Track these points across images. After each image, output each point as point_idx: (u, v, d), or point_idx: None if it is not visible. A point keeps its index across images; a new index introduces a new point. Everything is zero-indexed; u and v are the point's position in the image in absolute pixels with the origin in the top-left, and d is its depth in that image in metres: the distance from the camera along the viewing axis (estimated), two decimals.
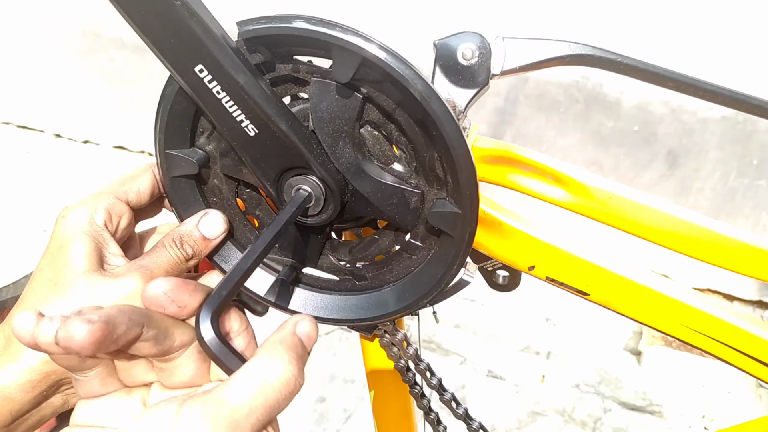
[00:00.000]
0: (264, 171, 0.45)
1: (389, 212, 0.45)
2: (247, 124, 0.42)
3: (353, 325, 0.55)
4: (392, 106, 0.42)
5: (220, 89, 0.41)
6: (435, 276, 0.47)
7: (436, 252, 0.47)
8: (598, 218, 0.52)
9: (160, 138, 0.46)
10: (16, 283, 0.89)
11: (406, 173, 0.45)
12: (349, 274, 0.51)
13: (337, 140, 0.43)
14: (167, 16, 0.38)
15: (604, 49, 0.43)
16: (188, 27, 0.38)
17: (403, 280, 0.49)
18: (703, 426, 1.75)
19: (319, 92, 0.42)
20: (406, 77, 0.39)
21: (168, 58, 0.40)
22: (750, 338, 0.48)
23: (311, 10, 0.42)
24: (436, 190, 0.45)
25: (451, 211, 0.43)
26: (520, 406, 1.77)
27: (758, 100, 0.43)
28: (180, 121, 0.46)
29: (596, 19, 2.06)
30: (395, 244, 0.49)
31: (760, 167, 2.04)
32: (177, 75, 0.41)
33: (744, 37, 1.94)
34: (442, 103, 0.40)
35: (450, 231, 0.44)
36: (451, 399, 0.63)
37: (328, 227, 0.50)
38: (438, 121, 0.40)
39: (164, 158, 0.47)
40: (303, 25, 0.40)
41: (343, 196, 0.45)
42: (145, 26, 0.39)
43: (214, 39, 0.39)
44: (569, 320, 2.08)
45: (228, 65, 0.40)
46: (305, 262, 0.51)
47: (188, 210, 0.49)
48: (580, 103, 2.16)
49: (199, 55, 0.40)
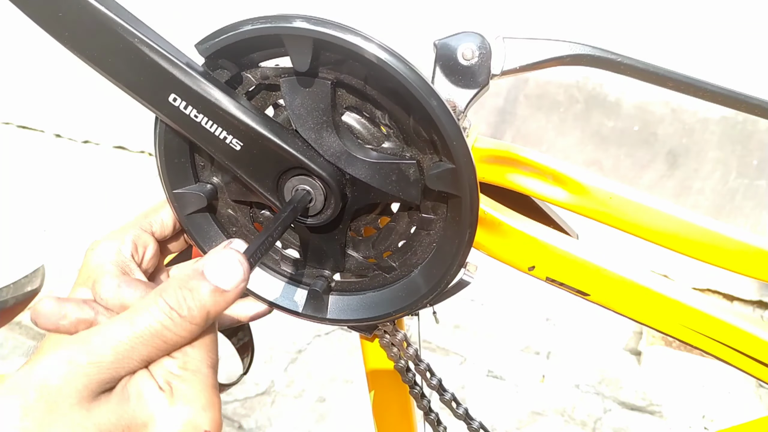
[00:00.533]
0: (260, 181, 0.45)
1: (391, 190, 0.45)
2: (231, 139, 0.43)
3: (353, 326, 0.55)
4: (361, 83, 0.43)
5: (196, 112, 0.42)
6: (454, 243, 0.46)
7: (449, 218, 0.47)
8: (598, 218, 0.52)
9: (165, 180, 0.47)
10: (16, 283, 0.89)
11: (398, 148, 0.45)
12: (378, 269, 0.51)
13: (320, 132, 0.44)
14: (130, 56, 0.40)
15: (604, 49, 0.43)
16: (151, 61, 0.40)
17: (428, 259, 0.49)
18: (703, 426, 1.75)
19: (290, 90, 0.43)
20: (359, 45, 0.39)
21: (142, 96, 0.42)
22: (750, 338, 0.48)
23: (312, 11, 0.42)
24: (430, 155, 0.45)
25: (446, 168, 0.43)
26: (520, 406, 1.77)
27: (758, 100, 0.43)
28: (178, 158, 0.47)
29: (596, 19, 2.06)
30: (412, 225, 0.49)
31: (760, 167, 2.04)
32: (155, 110, 0.43)
33: (744, 37, 1.94)
34: (399, 58, 0.40)
35: (451, 189, 0.44)
36: (452, 399, 0.63)
37: (345, 227, 0.50)
38: (398, 76, 0.40)
39: (174, 198, 0.48)
40: (247, 27, 0.40)
41: (341, 186, 0.45)
42: (114, 71, 0.41)
43: (178, 66, 0.41)
44: (569, 320, 2.08)
45: (197, 87, 0.41)
46: (333, 269, 0.51)
47: (210, 244, 0.50)
48: (580, 103, 2.16)
49: (168, 85, 0.41)
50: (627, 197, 0.51)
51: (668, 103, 2.06)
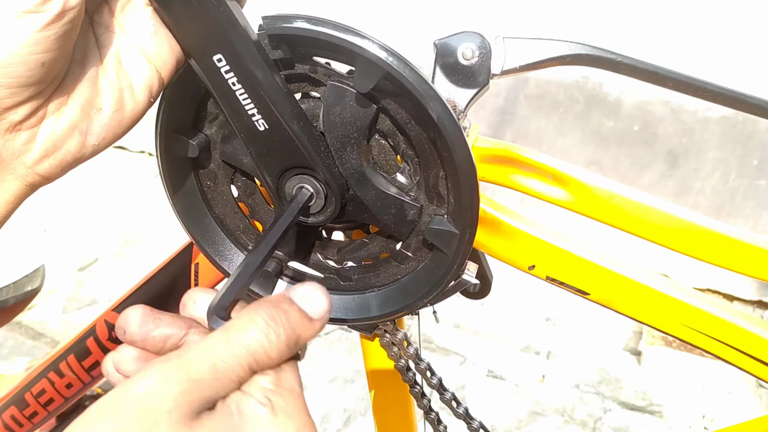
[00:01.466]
0: (268, 166, 0.45)
1: (386, 221, 0.46)
2: (259, 118, 0.42)
3: (354, 325, 0.55)
4: (406, 119, 0.42)
5: (236, 81, 0.40)
6: (422, 289, 0.47)
7: (427, 265, 0.47)
8: (598, 218, 0.52)
9: (163, 117, 0.45)
10: (16, 283, 0.89)
11: (408, 185, 0.46)
12: (335, 273, 0.51)
13: (345, 145, 0.44)
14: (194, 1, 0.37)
15: (604, 49, 0.43)
16: (213, 14, 0.38)
17: (389, 287, 0.49)
18: (703, 426, 1.75)
19: (335, 96, 0.42)
20: (427, 98, 0.39)
21: (187, 43, 0.40)
22: (750, 338, 0.48)
23: (314, 8, 0.42)
24: (435, 206, 0.45)
25: (449, 230, 0.44)
26: (520, 406, 1.77)
27: (758, 100, 0.43)
28: (184, 103, 0.45)
29: (596, 19, 2.06)
30: (385, 251, 0.49)
31: (760, 167, 2.04)
32: (193, 61, 0.41)
33: (744, 37, 1.94)
34: (457, 127, 0.40)
35: (445, 249, 0.45)
36: (452, 398, 0.63)
37: (320, 226, 0.50)
38: (451, 145, 0.40)
39: (164, 137, 0.46)
40: (332, 31, 0.39)
41: (343, 200, 0.45)
42: (169, 4, 0.38)
43: (238, 30, 0.39)
44: (569, 320, 2.08)
45: (248, 59, 0.39)
46: (293, 257, 0.51)
47: (177, 190, 0.49)
48: (580, 103, 2.16)
49: (220, 45, 0.39)
50: (627, 197, 0.51)
51: (668, 103, 2.06)
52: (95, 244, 2.28)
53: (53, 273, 2.10)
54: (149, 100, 0.41)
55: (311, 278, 0.52)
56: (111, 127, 0.39)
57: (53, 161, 0.38)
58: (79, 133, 0.38)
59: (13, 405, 0.82)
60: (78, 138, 0.38)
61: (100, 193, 2.65)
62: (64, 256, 2.20)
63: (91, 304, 1.98)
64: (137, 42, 0.40)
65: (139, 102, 0.40)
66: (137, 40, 0.40)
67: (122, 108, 0.39)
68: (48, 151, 0.37)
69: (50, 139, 0.37)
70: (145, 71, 0.40)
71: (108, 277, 2.12)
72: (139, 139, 3.01)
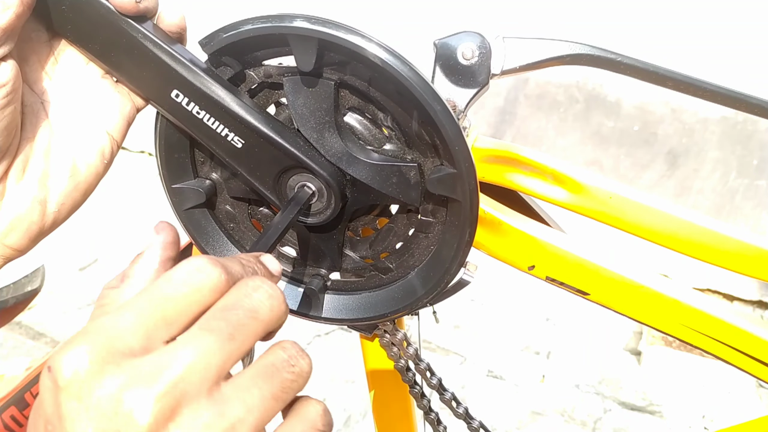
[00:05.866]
0: (261, 179, 0.45)
1: (392, 192, 0.45)
2: (232, 137, 0.43)
3: (354, 325, 0.55)
4: (364, 85, 0.43)
5: (198, 109, 0.42)
6: (452, 247, 0.46)
7: (448, 222, 0.47)
8: (598, 218, 0.52)
9: (164, 174, 0.47)
10: (16, 283, 0.89)
11: (399, 150, 0.45)
12: (374, 270, 0.51)
13: (322, 132, 0.44)
14: (133, 52, 0.40)
15: (604, 49, 0.43)
16: (154, 56, 0.40)
17: (426, 262, 0.49)
18: (703, 426, 1.75)
19: (293, 89, 0.43)
20: (364, 47, 0.39)
21: (144, 90, 0.42)
22: (750, 338, 0.48)
23: (313, 11, 0.42)
24: (432, 158, 0.45)
25: (447, 173, 0.43)
26: (520, 406, 1.77)
27: (758, 100, 0.43)
28: (178, 153, 0.47)
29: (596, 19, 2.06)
30: (410, 227, 0.49)
31: (760, 167, 2.04)
32: (157, 105, 0.43)
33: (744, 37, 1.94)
34: (402, 60, 0.40)
35: (451, 193, 0.44)
36: (452, 398, 0.63)
37: (343, 226, 0.50)
38: (402, 80, 0.39)
39: (172, 193, 0.48)
40: (255, 26, 0.40)
41: (342, 187, 0.45)
42: (116, 64, 0.41)
43: (181, 62, 0.41)
44: (569, 320, 2.08)
45: (199, 83, 0.41)
46: (329, 268, 0.51)
47: (208, 240, 0.50)
48: (580, 103, 2.16)
49: (171, 81, 0.41)
50: (627, 197, 0.51)
51: (668, 103, 2.06)
52: (95, 244, 2.28)
53: (53, 273, 2.10)
54: (104, 163, 0.43)
55: (354, 284, 0.52)
56: (68, 193, 0.41)
57: (20, 233, 0.40)
58: (39, 204, 0.40)
59: (13, 405, 0.82)
60: (39, 208, 0.40)
61: (100, 193, 2.65)
62: (64, 256, 2.20)
63: (91, 304, 1.98)
64: (84, 108, 0.42)
65: (93, 166, 0.42)
66: (83, 107, 0.42)
67: (76, 174, 0.41)
68: (13, 225, 0.39)
69: (13, 213, 0.39)
70: (96, 136, 0.42)
71: (108, 277, 2.12)
72: (139, 139, 3.01)
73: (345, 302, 0.51)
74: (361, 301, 0.51)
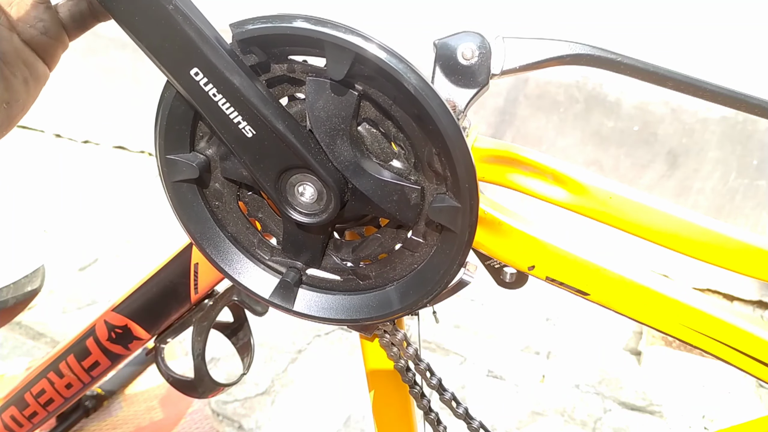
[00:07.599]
0: (263, 172, 0.45)
1: (390, 209, 0.45)
2: (244, 125, 0.42)
3: (354, 325, 0.55)
4: (388, 102, 0.42)
5: (216, 92, 0.41)
6: (438, 272, 0.47)
7: (438, 248, 0.47)
8: (598, 218, 0.52)
9: (160, 143, 0.46)
10: (16, 283, 0.89)
11: (406, 170, 0.45)
12: (353, 274, 0.51)
13: (334, 138, 0.43)
14: (160, 21, 0.39)
15: (604, 49, 0.43)
16: (182, 31, 0.39)
17: (407, 278, 0.49)
18: (703, 426, 1.75)
19: (315, 91, 0.42)
20: (400, 72, 0.39)
21: (163, 63, 0.41)
22: (750, 338, 0.48)
23: (312, 10, 0.42)
24: (436, 185, 0.45)
25: (451, 205, 0.43)
26: (520, 406, 1.77)
27: (758, 100, 0.43)
28: (179, 125, 0.46)
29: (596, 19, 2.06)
30: (397, 242, 0.49)
31: (760, 167, 2.04)
32: (173, 79, 0.42)
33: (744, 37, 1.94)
34: (436, 96, 0.40)
35: (451, 225, 0.44)
36: (451, 399, 0.63)
37: (331, 227, 0.50)
38: (434, 116, 0.40)
39: (165, 163, 0.47)
40: (295, 24, 0.40)
41: (342, 194, 0.45)
42: (140, 32, 0.40)
43: (208, 42, 0.40)
44: (569, 320, 2.08)
45: (223, 67, 0.40)
46: (309, 264, 0.51)
47: (191, 215, 0.50)
48: (580, 103, 2.16)
49: (193, 59, 0.40)
50: (627, 197, 0.51)
51: (668, 103, 2.06)
52: (95, 244, 2.28)
53: (53, 273, 2.10)
54: None
55: (330, 283, 0.52)
56: None
57: None
58: None
59: (13, 405, 0.82)
60: None
61: (100, 193, 2.65)
62: (64, 256, 2.20)
63: (91, 304, 1.98)
64: None
65: None
66: None
67: None
68: None
69: None
70: None
71: (108, 277, 2.12)
72: (139, 139, 3.01)
73: (318, 300, 0.51)
74: (335, 301, 0.51)
